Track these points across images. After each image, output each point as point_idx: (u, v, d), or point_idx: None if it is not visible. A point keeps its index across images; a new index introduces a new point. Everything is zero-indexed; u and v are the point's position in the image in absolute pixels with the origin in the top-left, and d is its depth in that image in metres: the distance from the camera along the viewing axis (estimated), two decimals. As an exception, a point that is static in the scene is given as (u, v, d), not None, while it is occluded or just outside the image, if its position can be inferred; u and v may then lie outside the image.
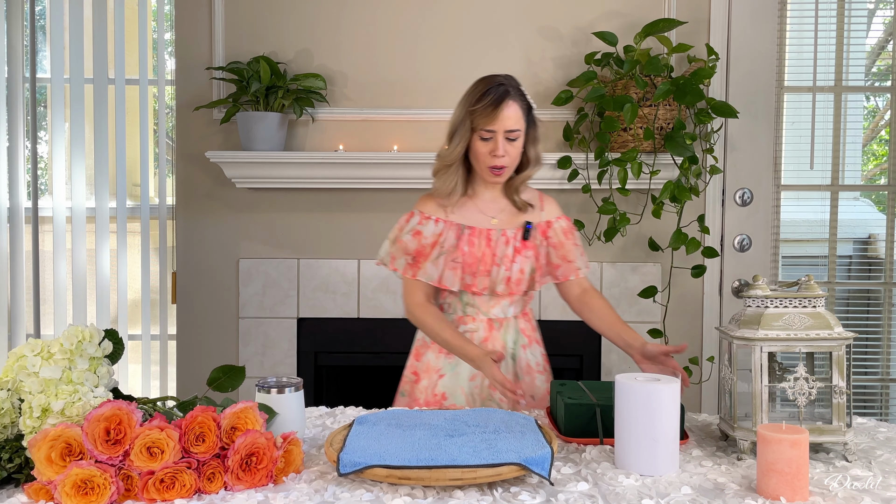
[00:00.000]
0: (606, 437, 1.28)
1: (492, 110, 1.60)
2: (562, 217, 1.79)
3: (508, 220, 1.73)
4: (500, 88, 1.62)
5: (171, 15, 3.04)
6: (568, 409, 1.30)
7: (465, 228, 1.70)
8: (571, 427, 1.30)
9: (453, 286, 1.68)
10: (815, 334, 1.21)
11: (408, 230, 1.72)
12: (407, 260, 1.71)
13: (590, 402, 1.31)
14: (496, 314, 1.73)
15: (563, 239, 1.75)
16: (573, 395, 1.36)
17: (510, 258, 1.69)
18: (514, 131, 1.62)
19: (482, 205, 1.74)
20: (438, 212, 1.73)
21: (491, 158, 1.64)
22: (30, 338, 2.07)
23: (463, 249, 1.68)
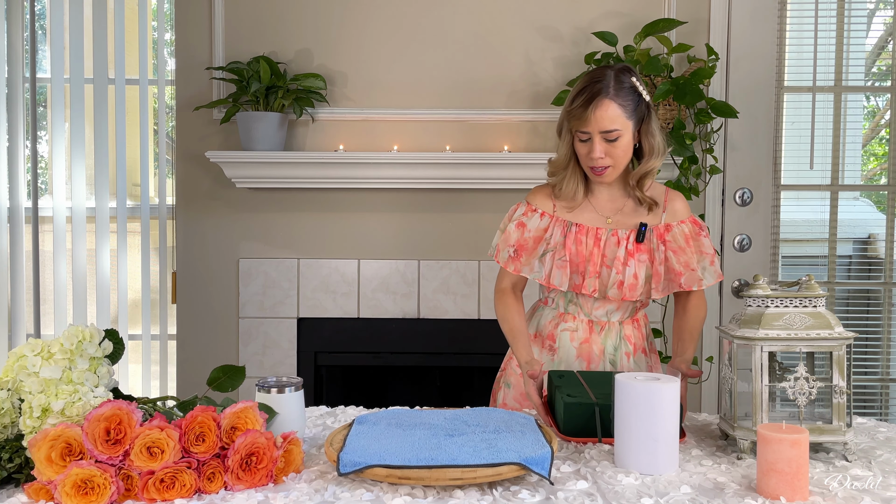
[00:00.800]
0: (605, 436, 1.27)
1: (582, 111, 1.51)
2: (686, 221, 1.63)
3: (624, 219, 1.62)
4: (595, 87, 1.51)
5: (171, 15, 3.04)
6: (567, 408, 1.29)
7: (572, 225, 1.61)
8: (571, 426, 1.29)
9: (562, 286, 1.59)
10: (816, 334, 1.21)
11: (513, 220, 1.65)
12: (509, 252, 1.63)
13: (589, 402, 1.29)
14: (598, 316, 1.65)
15: (683, 244, 1.60)
16: (572, 392, 1.34)
17: (622, 261, 1.58)
18: (612, 131, 1.51)
19: (598, 204, 1.64)
20: (546, 205, 1.65)
21: (590, 159, 1.55)
22: (30, 338, 2.07)
23: (570, 248, 1.59)
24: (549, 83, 2.58)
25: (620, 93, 1.52)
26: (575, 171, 1.61)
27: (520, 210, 1.66)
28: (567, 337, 1.66)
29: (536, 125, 2.59)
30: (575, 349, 1.66)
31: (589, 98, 1.51)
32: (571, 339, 1.66)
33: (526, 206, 1.66)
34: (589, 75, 1.56)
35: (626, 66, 1.58)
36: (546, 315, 1.71)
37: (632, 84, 1.54)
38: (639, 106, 1.55)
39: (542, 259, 1.61)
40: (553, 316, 1.69)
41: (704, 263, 1.60)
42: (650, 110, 1.58)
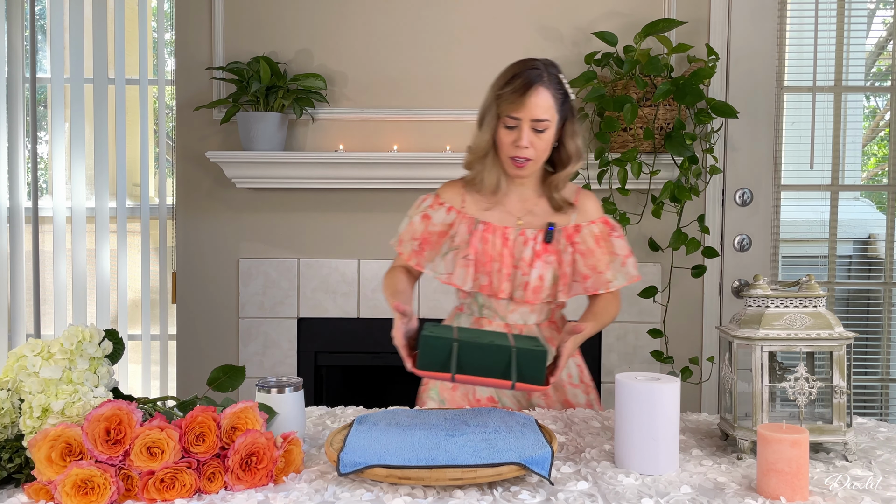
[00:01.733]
0: (460, 373, 1.18)
1: (518, 96, 1.45)
2: (597, 221, 1.59)
3: (534, 221, 1.58)
4: (531, 73, 1.47)
5: (171, 15, 3.04)
6: (424, 340, 1.20)
7: (478, 223, 1.56)
8: (426, 360, 1.20)
9: (464, 285, 1.54)
10: (816, 334, 1.21)
11: (418, 211, 1.60)
12: (413, 246, 1.58)
13: (448, 337, 1.20)
14: (514, 320, 1.60)
15: (592, 246, 1.56)
16: (435, 330, 1.24)
17: (528, 262, 1.54)
18: (543, 121, 1.47)
19: (510, 203, 1.59)
20: (455, 200, 1.59)
21: (513, 148, 1.49)
22: (30, 338, 2.07)
23: (476, 246, 1.54)
24: (549, 83, 2.58)
25: (553, 84, 1.49)
26: (495, 162, 1.54)
27: (427, 202, 1.60)
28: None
29: (536, 125, 2.58)
30: None
31: (526, 83, 1.46)
32: None
33: (433, 199, 1.60)
34: (520, 63, 1.51)
35: (551, 61, 1.55)
36: (462, 322, 1.65)
37: (559, 79, 1.52)
38: (565, 103, 1.52)
39: (445, 256, 1.55)
40: (470, 322, 1.63)
41: (616, 265, 1.56)
42: (574, 112, 1.55)
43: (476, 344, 1.16)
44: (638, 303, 2.58)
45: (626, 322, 2.60)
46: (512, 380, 1.12)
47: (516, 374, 1.13)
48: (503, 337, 1.26)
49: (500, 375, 1.14)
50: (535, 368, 1.15)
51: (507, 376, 1.13)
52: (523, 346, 1.17)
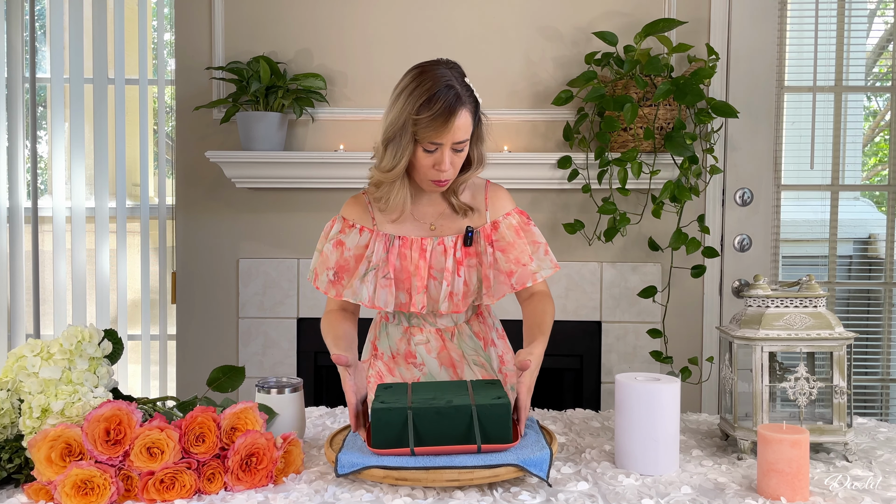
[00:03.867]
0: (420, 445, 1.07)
1: (441, 124, 1.33)
2: (512, 213, 1.52)
3: (448, 224, 1.50)
4: (449, 94, 1.34)
5: (170, 15, 3.03)
6: (374, 415, 1.10)
7: (395, 239, 1.48)
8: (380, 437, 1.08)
9: (388, 307, 1.46)
10: (816, 334, 1.21)
11: (329, 240, 1.49)
12: (328, 276, 1.47)
13: (401, 407, 1.10)
14: (445, 324, 1.56)
15: (513, 239, 1.48)
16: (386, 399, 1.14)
17: (451, 271, 1.46)
18: (463, 142, 1.38)
19: (418, 210, 1.51)
20: (364, 219, 1.50)
21: (434, 172, 1.40)
22: (29, 338, 2.07)
23: (394, 264, 1.46)
24: (549, 83, 2.58)
25: (468, 97, 1.38)
26: (405, 182, 1.44)
27: (336, 227, 1.50)
28: (424, 350, 1.57)
29: (536, 125, 2.58)
30: (436, 360, 1.57)
31: (449, 109, 1.33)
32: (428, 350, 1.57)
33: (342, 223, 1.50)
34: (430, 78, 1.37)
35: (453, 62, 1.44)
36: (393, 333, 1.60)
37: (468, 85, 1.41)
38: (477, 111, 1.42)
39: (363, 279, 1.46)
40: (400, 332, 1.58)
41: (539, 254, 1.49)
42: (480, 116, 1.45)
43: (433, 409, 1.09)
44: (638, 303, 2.58)
45: (626, 322, 2.60)
46: (477, 443, 1.06)
47: (480, 436, 1.07)
48: (461, 389, 1.19)
49: (463, 440, 1.07)
50: (499, 425, 1.08)
51: (470, 439, 1.07)
52: (484, 402, 1.10)
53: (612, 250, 2.60)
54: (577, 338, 2.62)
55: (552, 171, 2.48)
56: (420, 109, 1.35)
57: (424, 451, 1.07)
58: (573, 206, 2.57)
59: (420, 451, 1.07)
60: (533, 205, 2.59)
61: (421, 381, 1.46)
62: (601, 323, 2.61)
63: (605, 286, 2.60)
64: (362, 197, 1.53)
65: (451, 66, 1.42)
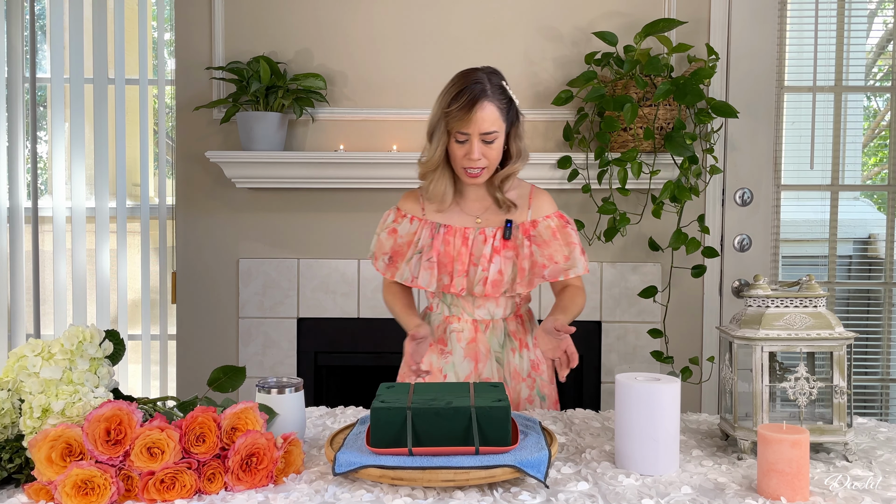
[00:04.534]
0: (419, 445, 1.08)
1: (465, 113, 1.53)
2: (552, 215, 1.68)
3: (492, 218, 1.67)
4: (475, 87, 1.54)
5: (170, 15, 3.04)
6: (374, 414, 1.10)
7: (440, 227, 1.66)
8: (379, 436, 1.09)
9: (430, 287, 1.62)
10: (816, 334, 1.21)
11: (384, 228, 1.71)
12: (384, 260, 1.69)
13: (400, 406, 1.10)
14: (481, 315, 1.68)
15: (549, 238, 1.64)
16: (387, 398, 1.15)
17: (488, 258, 1.61)
18: (491, 133, 1.55)
19: (466, 205, 1.68)
20: (416, 210, 1.70)
21: (466, 161, 1.58)
22: (30, 338, 2.07)
23: (438, 249, 1.63)
24: (549, 83, 2.58)
25: (496, 94, 1.56)
26: (444, 172, 1.63)
27: (390, 217, 1.71)
28: (455, 338, 1.69)
29: (536, 125, 2.58)
30: (463, 349, 1.68)
31: (472, 100, 1.53)
32: (459, 339, 1.68)
33: (396, 213, 1.71)
34: (463, 77, 1.58)
35: (493, 68, 1.62)
36: (434, 320, 1.73)
37: (502, 87, 1.59)
38: (510, 109, 1.59)
39: (409, 262, 1.65)
40: (440, 320, 1.72)
41: (574, 255, 1.64)
42: (519, 115, 1.63)
43: (432, 410, 1.09)
44: (638, 303, 2.58)
45: (626, 322, 2.60)
46: (475, 445, 1.06)
47: (479, 438, 1.07)
48: (463, 391, 1.20)
49: (461, 441, 1.07)
50: (498, 428, 1.08)
51: (469, 441, 1.07)
52: (484, 404, 1.10)
53: (612, 250, 2.60)
54: (577, 338, 2.60)
55: (552, 171, 2.48)
56: (450, 103, 1.55)
57: (422, 452, 1.07)
58: (573, 206, 2.57)
59: (418, 452, 1.06)
60: (533, 205, 2.59)
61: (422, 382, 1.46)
62: (601, 323, 2.61)
63: (605, 286, 2.60)
64: (417, 191, 1.73)
65: (490, 71, 1.61)
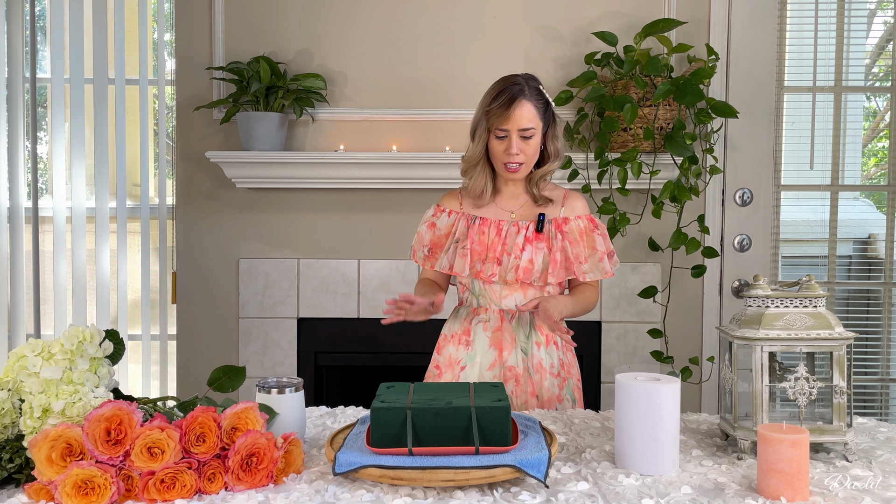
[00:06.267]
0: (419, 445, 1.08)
1: (504, 110, 1.65)
2: (583, 217, 1.77)
3: (526, 213, 1.77)
4: (514, 88, 1.66)
5: (170, 15, 3.04)
6: (374, 414, 1.10)
7: (476, 219, 1.75)
8: (379, 436, 1.09)
9: (463, 272, 1.72)
10: (816, 334, 1.21)
11: (424, 222, 1.81)
12: (424, 252, 1.80)
13: (400, 406, 1.10)
14: (508, 305, 1.74)
15: (576, 238, 1.74)
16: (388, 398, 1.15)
17: (520, 247, 1.71)
18: (528, 129, 1.66)
19: (503, 201, 1.78)
20: (454, 205, 1.80)
21: (506, 156, 1.68)
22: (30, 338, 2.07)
23: (473, 238, 1.73)
24: (549, 83, 2.58)
25: (534, 95, 1.68)
26: (485, 168, 1.74)
27: (430, 212, 1.82)
28: (481, 328, 1.75)
29: (536, 125, 2.58)
30: (488, 338, 1.74)
31: (510, 98, 1.65)
32: (485, 329, 1.75)
33: (435, 209, 1.82)
34: (503, 80, 1.70)
35: (531, 74, 1.73)
36: (461, 314, 1.80)
37: (539, 89, 1.71)
38: (547, 110, 1.71)
39: (447, 252, 1.76)
40: (467, 313, 1.78)
41: (594, 259, 1.74)
42: (555, 117, 1.74)
43: (432, 410, 1.09)
44: (638, 303, 2.58)
45: (626, 322, 2.60)
46: (475, 445, 1.06)
47: (479, 438, 1.07)
48: (463, 391, 1.20)
49: (461, 441, 1.07)
50: (498, 428, 1.08)
51: (469, 441, 1.07)
52: (484, 404, 1.10)
53: (612, 250, 2.59)
54: (577, 338, 2.61)
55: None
56: (491, 102, 1.68)
57: (422, 452, 1.07)
58: (573, 206, 2.57)
59: (418, 452, 1.06)
60: (533, 205, 2.59)
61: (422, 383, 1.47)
62: (601, 323, 2.61)
63: (605, 286, 2.60)
64: (457, 191, 1.84)
65: (528, 76, 1.72)
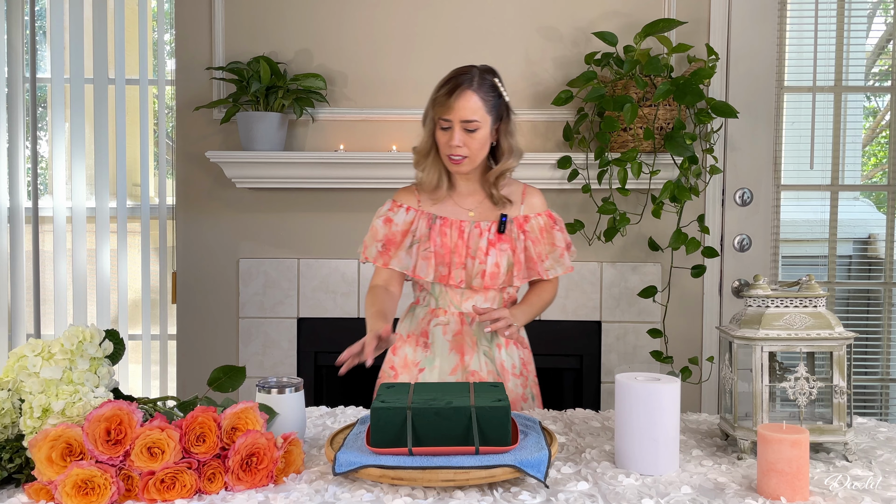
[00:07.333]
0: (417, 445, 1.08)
1: (446, 99, 1.60)
2: (542, 213, 1.73)
3: (486, 212, 1.70)
4: (461, 78, 1.61)
5: (170, 15, 3.04)
6: (374, 414, 1.11)
7: (436, 219, 1.69)
8: (379, 436, 1.10)
9: (427, 276, 1.66)
10: (816, 334, 1.21)
11: (379, 216, 1.74)
12: (377, 248, 1.72)
13: (400, 406, 1.10)
14: (468, 309, 1.69)
15: (538, 236, 1.71)
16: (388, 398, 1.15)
17: (484, 251, 1.65)
18: (472, 122, 1.60)
19: (459, 198, 1.72)
20: (411, 201, 1.73)
21: (448, 147, 1.63)
22: (30, 338, 2.07)
23: (435, 240, 1.67)
24: (549, 83, 2.58)
25: (483, 87, 1.62)
26: (436, 161, 1.69)
27: (386, 206, 1.74)
28: (440, 331, 1.70)
29: (536, 125, 2.59)
30: (448, 342, 1.69)
31: (453, 88, 1.60)
32: (444, 332, 1.70)
33: (391, 203, 1.74)
34: (455, 70, 1.66)
35: (490, 67, 1.69)
36: (418, 313, 1.75)
37: (493, 83, 1.65)
38: (499, 104, 1.65)
39: (408, 251, 1.69)
40: (425, 313, 1.73)
41: (555, 256, 1.71)
42: (509, 112, 1.68)
43: (432, 409, 1.09)
44: (638, 303, 2.58)
45: (626, 322, 2.61)
46: (475, 445, 1.06)
47: (479, 438, 1.07)
48: (463, 390, 1.20)
49: (461, 441, 1.08)
50: (498, 428, 1.08)
51: (469, 441, 1.07)
52: (484, 404, 1.10)
53: (612, 250, 2.60)
54: (577, 338, 2.62)
55: (552, 171, 2.48)
56: (438, 90, 1.64)
57: (422, 452, 1.07)
58: (573, 206, 2.57)
59: (418, 452, 1.06)
60: (533, 205, 2.59)
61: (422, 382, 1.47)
62: (601, 323, 2.61)
63: (605, 286, 2.60)
64: (413, 186, 1.77)
65: (485, 68, 1.68)
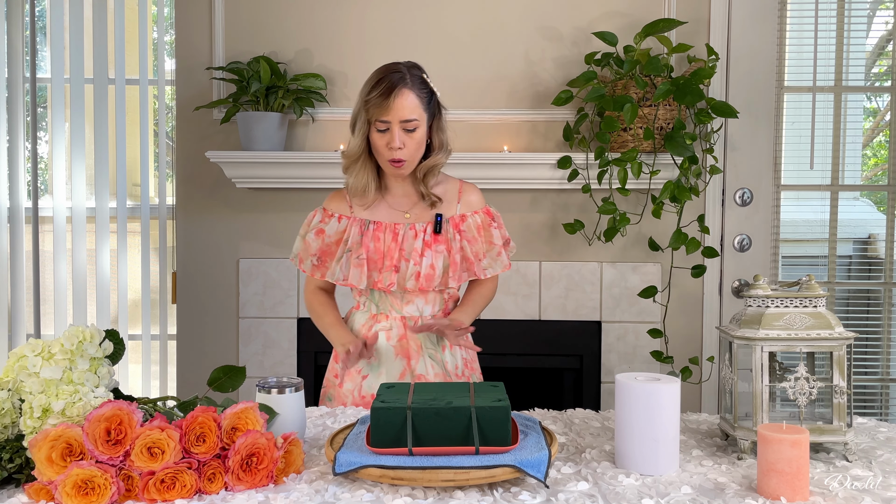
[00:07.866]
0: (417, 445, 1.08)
1: (383, 100, 1.54)
2: (480, 211, 1.70)
3: (421, 214, 1.66)
4: (394, 76, 1.56)
5: (170, 15, 3.04)
6: (374, 414, 1.10)
7: (369, 224, 1.64)
8: (379, 436, 1.09)
9: (360, 284, 1.61)
10: (816, 334, 1.21)
11: (311, 229, 1.68)
12: (313, 261, 1.67)
13: (400, 406, 1.10)
14: (410, 312, 1.66)
15: (474, 236, 1.67)
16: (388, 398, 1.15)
17: (419, 252, 1.61)
18: (411, 121, 1.56)
19: (394, 200, 1.67)
20: (343, 208, 1.68)
21: (388, 151, 1.57)
22: (30, 338, 2.07)
23: (368, 246, 1.62)
24: (549, 83, 2.58)
25: (417, 84, 1.58)
26: (366, 164, 1.63)
27: (317, 217, 1.68)
28: (383, 337, 1.66)
29: (536, 125, 2.59)
30: (393, 347, 1.66)
31: (390, 87, 1.54)
32: (388, 338, 1.66)
33: (322, 213, 1.68)
34: (383, 68, 1.59)
35: (415, 63, 1.64)
36: (359, 319, 1.71)
37: (422, 78, 1.61)
38: (431, 101, 1.61)
39: (339, 261, 1.64)
40: (366, 319, 1.69)
41: (492, 254, 1.68)
42: (440, 108, 1.65)
43: (432, 409, 1.09)
44: (638, 303, 2.58)
45: (626, 322, 2.61)
46: (475, 445, 1.06)
47: (479, 438, 1.07)
48: (463, 391, 1.19)
49: (461, 441, 1.08)
50: (498, 428, 1.08)
51: (469, 441, 1.07)
52: (484, 404, 1.10)
53: (612, 250, 2.60)
54: (577, 338, 2.62)
55: (552, 171, 2.48)
56: (370, 91, 1.56)
57: (422, 452, 1.07)
58: (573, 206, 2.57)
59: (418, 452, 1.06)
60: (533, 205, 2.59)
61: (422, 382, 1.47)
62: (601, 323, 2.61)
63: (605, 286, 2.60)
64: (343, 190, 1.71)
65: (410, 64, 1.62)
